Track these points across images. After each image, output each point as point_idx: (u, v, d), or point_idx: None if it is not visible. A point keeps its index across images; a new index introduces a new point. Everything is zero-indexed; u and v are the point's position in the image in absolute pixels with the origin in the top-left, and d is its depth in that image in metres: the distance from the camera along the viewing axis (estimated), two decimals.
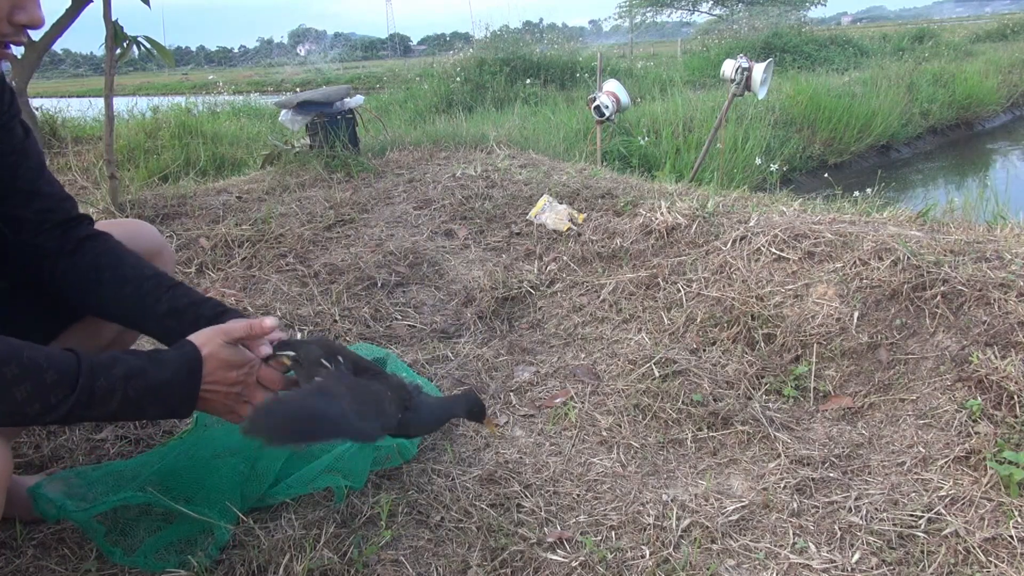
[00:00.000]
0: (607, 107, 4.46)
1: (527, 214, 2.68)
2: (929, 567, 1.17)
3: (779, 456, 1.49)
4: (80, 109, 6.25)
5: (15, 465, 1.48)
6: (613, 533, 1.30)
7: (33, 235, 1.16)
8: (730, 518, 1.32)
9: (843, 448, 1.50)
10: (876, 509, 1.30)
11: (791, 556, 1.22)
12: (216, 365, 1.05)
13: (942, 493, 1.31)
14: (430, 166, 3.40)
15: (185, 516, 1.25)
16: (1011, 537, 1.19)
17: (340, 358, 1.15)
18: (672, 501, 1.36)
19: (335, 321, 2.10)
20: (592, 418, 1.67)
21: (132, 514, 1.30)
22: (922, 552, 1.20)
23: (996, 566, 1.16)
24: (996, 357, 1.55)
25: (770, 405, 1.68)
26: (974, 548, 1.19)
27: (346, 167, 3.35)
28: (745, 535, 1.28)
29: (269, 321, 1.13)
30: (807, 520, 1.31)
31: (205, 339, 1.05)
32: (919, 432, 1.49)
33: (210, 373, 1.04)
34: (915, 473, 1.39)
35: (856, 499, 1.34)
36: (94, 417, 0.98)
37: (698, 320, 1.95)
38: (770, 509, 1.34)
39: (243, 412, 1.09)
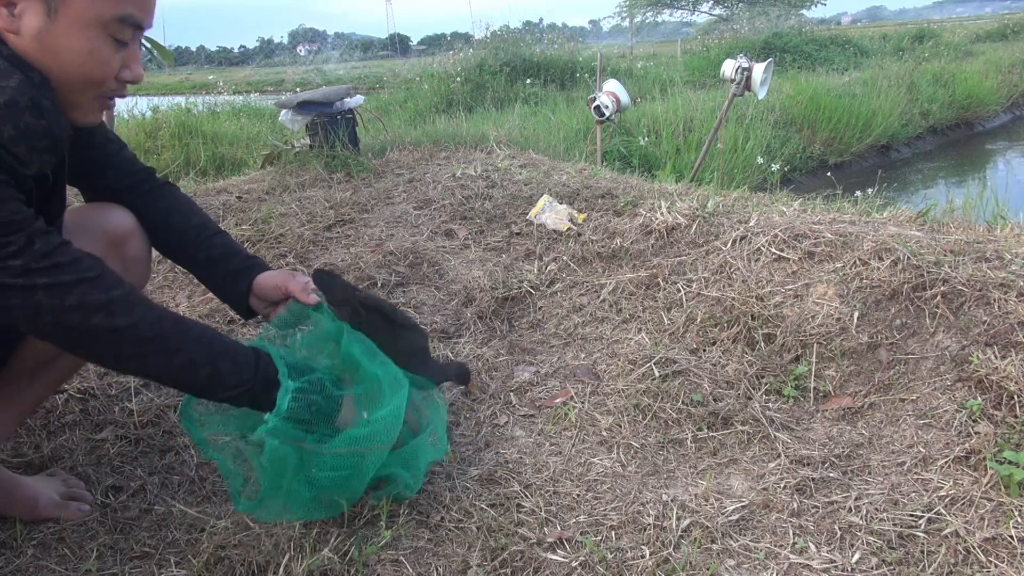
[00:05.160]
0: (607, 107, 4.46)
1: (527, 214, 2.68)
2: (929, 567, 1.17)
3: (779, 456, 1.49)
4: None
5: (15, 465, 1.49)
6: (613, 533, 1.30)
7: (112, 196, 1.37)
8: (730, 518, 1.32)
9: (843, 448, 1.50)
10: (876, 509, 1.30)
11: (791, 556, 1.22)
12: None
13: (942, 493, 1.31)
14: (430, 166, 3.40)
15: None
16: (1011, 537, 1.20)
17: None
18: (672, 501, 1.36)
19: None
20: (592, 418, 1.67)
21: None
22: (922, 552, 1.20)
23: (996, 566, 1.16)
24: (996, 357, 1.55)
25: (770, 405, 1.68)
26: (974, 548, 1.19)
27: (346, 167, 3.35)
28: (745, 535, 1.28)
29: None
30: (807, 520, 1.31)
31: None
32: (919, 432, 1.49)
33: None
34: (915, 473, 1.39)
35: (856, 499, 1.34)
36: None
37: (698, 320, 1.95)
38: (770, 509, 1.34)
39: None
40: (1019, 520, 1.22)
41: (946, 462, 1.39)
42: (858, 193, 3.11)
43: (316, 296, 1.36)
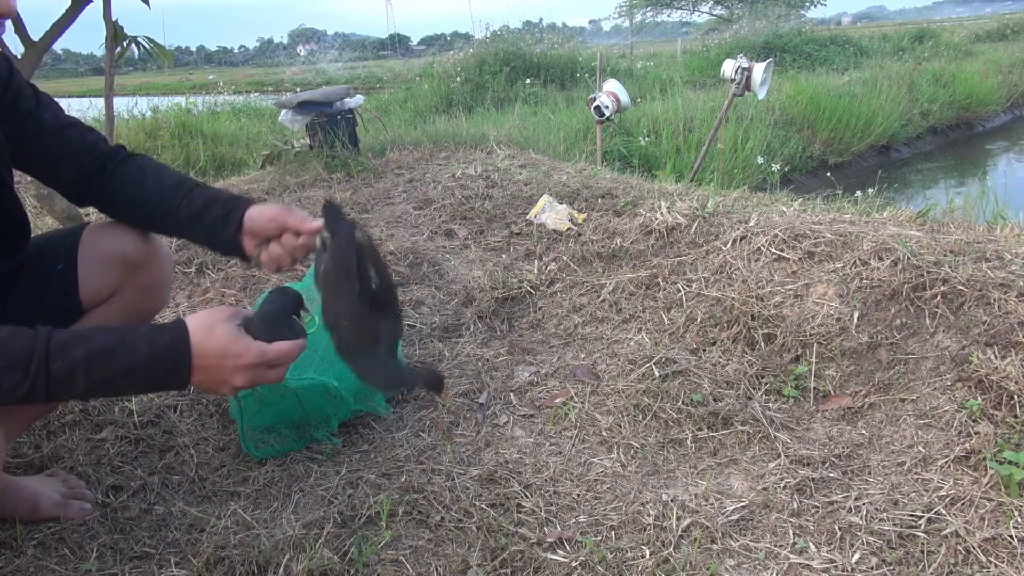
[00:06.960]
0: (607, 107, 4.46)
1: (527, 214, 2.68)
2: (929, 567, 1.17)
3: (779, 456, 1.49)
4: (80, 109, 6.25)
5: (15, 465, 1.49)
6: (613, 533, 1.30)
7: (76, 188, 1.25)
8: (730, 518, 1.32)
9: (843, 448, 1.50)
10: (876, 509, 1.30)
11: (791, 556, 1.22)
12: (213, 351, 0.98)
13: (942, 493, 1.31)
14: (430, 166, 3.40)
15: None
16: (1011, 537, 1.20)
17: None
18: (672, 501, 1.36)
19: None
20: (592, 418, 1.67)
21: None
22: (922, 552, 1.20)
23: (996, 566, 1.16)
24: (996, 357, 1.55)
25: (770, 405, 1.68)
26: (974, 548, 1.19)
27: (346, 167, 3.35)
28: (745, 535, 1.28)
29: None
30: (807, 520, 1.31)
31: (200, 323, 0.99)
32: (919, 432, 1.49)
33: (202, 356, 0.97)
34: (915, 473, 1.39)
35: (856, 499, 1.34)
36: (67, 397, 0.94)
37: (698, 320, 1.95)
38: (770, 509, 1.34)
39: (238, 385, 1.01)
40: (1019, 520, 1.22)
41: (946, 462, 1.39)
42: (858, 193, 3.11)
43: (318, 225, 1.26)
